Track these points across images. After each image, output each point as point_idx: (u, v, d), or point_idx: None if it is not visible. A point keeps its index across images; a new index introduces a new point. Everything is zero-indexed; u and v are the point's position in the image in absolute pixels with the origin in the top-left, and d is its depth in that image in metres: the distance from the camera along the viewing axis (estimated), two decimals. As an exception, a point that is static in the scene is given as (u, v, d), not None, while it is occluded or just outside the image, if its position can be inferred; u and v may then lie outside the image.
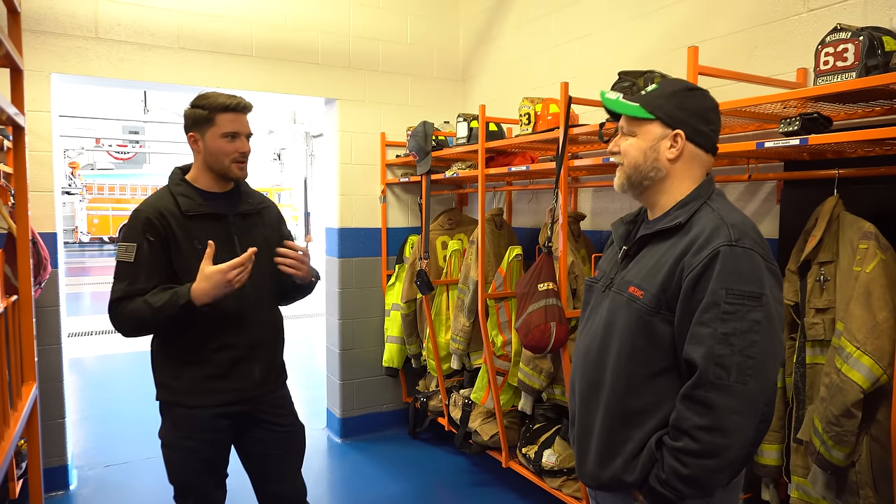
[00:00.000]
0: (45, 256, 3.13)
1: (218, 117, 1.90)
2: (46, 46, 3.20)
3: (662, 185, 1.39)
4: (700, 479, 1.22)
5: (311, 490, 3.54)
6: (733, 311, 1.20)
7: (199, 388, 1.92)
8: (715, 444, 1.20)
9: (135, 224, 1.87)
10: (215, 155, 1.92)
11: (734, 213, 1.33)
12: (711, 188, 1.39)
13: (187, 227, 1.90)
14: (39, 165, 3.22)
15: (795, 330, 2.07)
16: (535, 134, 2.89)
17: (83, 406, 4.90)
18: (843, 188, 2.03)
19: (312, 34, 3.88)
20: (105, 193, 19.11)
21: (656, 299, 1.30)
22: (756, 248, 1.25)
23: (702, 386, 1.21)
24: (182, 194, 1.93)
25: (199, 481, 1.99)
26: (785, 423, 2.13)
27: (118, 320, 1.87)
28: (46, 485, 3.21)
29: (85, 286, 11.95)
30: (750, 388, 1.19)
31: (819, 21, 2.27)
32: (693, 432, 1.21)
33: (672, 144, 1.36)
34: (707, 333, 1.21)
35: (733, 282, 1.21)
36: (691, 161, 1.38)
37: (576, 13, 3.42)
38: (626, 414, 1.33)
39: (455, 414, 3.71)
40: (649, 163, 1.38)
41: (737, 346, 1.20)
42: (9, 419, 1.76)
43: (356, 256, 4.16)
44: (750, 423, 1.20)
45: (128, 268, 1.85)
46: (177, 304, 1.79)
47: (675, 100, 1.37)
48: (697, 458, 1.21)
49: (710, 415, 1.20)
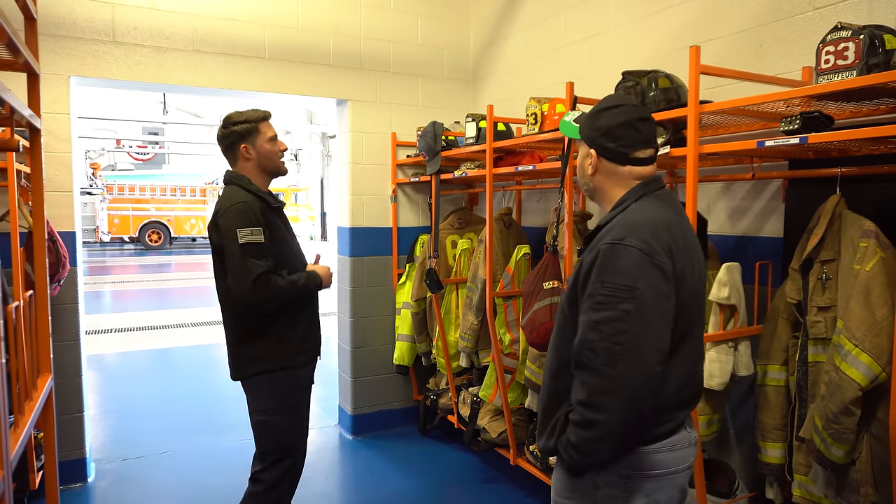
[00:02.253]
0: (64, 255, 3.22)
1: (261, 126, 2.33)
2: (66, 50, 3.29)
3: (599, 195, 1.59)
4: (582, 447, 1.37)
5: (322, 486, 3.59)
6: (605, 301, 1.34)
7: (297, 348, 2.32)
8: (588, 418, 1.34)
9: (250, 212, 2.18)
10: (268, 157, 2.34)
11: (643, 212, 1.45)
12: (643, 191, 1.50)
13: (272, 217, 2.30)
14: (59, 166, 3.31)
15: (799, 328, 2.07)
16: (542, 133, 2.90)
17: (102, 401, 5.01)
18: (846, 187, 2.03)
19: (324, 36, 3.94)
20: (125, 194, 19.40)
21: (571, 292, 1.48)
22: (640, 245, 1.36)
23: (577, 367, 1.38)
24: (259, 192, 2.30)
25: (298, 439, 2.38)
26: (788, 421, 2.13)
27: (265, 292, 2.14)
28: (65, 477, 3.31)
29: (105, 285, 12.16)
30: (618, 372, 1.31)
31: (824, 19, 2.27)
32: (575, 406, 1.38)
33: (590, 161, 1.54)
34: (583, 321, 1.38)
35: (608, 275, 1.36)
36: (609, 174, 1.53)
37: (584, 13, 3.43)
38: (553, 392, 1.52)
39: (464, 411, 3.74)
40: (581, 176, 1.60)
41: (605, 333, 1.33)
42: (24, 408, 1.83)
43: (367, 255, 4.21)
44: (619, 404, 1.32)
45: (263, 247, 2.16)
46: (314, 285, 2.32)
47: (591, 120, 1.54)
48: (578, 427, 1.37)
49: (584, 391, 1.35)
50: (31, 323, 2.14)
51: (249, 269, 2.11)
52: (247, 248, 2.13)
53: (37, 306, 2.20)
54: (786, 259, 2.32)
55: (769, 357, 2.18)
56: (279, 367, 2.28)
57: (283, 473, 2.34)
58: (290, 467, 2.36)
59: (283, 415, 2.32)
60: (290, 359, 2.31)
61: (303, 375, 2.38)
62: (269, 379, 2.28)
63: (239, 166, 2.35)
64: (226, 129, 2.31)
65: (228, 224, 2.15)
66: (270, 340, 2.27)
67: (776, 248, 2.45)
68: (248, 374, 2.29)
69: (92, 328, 7.76)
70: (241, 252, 2.12)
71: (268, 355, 2.27)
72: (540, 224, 3.84)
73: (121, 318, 8.66)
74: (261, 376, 2.28)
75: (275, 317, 2.27)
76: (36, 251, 2.18)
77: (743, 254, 2.58)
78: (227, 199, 2.23)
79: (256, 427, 2.34)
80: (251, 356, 2.27)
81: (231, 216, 2.16)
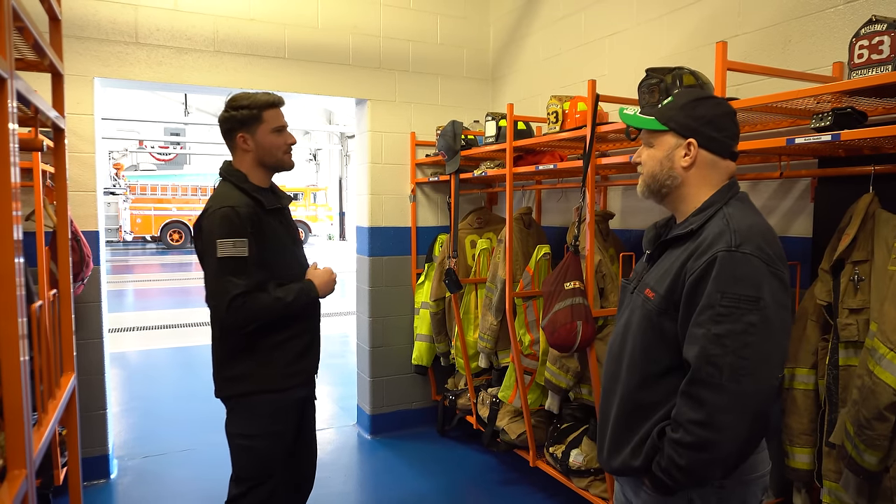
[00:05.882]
0: (87, 254, 3.26)
1: (265, 114, 2.03)
2: (90, 52, 3.33)
3: (680, 191, 1.47)
4: (693, 470, 1.30)
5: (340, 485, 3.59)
6: (728, 313, 1.25)
7: (289, 370, 2.07)
8: (706, 438, 1.26)
9: (236, 220, 1.94)
10: (268, 150, 2.06)
11: (746, 218, 1.37)
12: (730, 193, 1.43)
13: (268, 220, 2.05)
14: (82, 166, 3.35)
15: (828, 331, 2.02)
16: (563, 132, 2.87)
17: (124, 398, 5.07)
18: (879, 185, 1.97)
19: (343, 36, 3.94)
20: (147, 194, 19.68)
21: (665, 301, 1.38)
22: (758, 252, 1.29)
23: (694, 383, 1.28)
24: (255, 191, 2.05)
25: (279, 468, 2.10)
26: (817, 426, 2.07)
27: (242, 314, 1.91)
28: (88, 473, 3.35)
29: (128, 283, 12.33)
30: (743, 388, 1.25)
31: (856, 13, 2.21)
32: (687, 426, 1.28)
33: (686, 153, 1.42)
34: (701, 334, 1.28)
35: (729, 285, 1.26)
36: (706, 168, 1.43)
37: (605, 10, 3.39)
38: (637, 407, 1.42)
39: (483, 412, 3.72)
40: (665, 171, 1.46)
41: (730, 347, 1.25)
42: (47, 406, 1.84)
43: (386, 255, 4.20)
44: (741, 422, 1.25)
45: (244, 263, 1.92)
46: (307, 298, 2.04)
47: (687, 110, 1.43)
48: (690, 450, 1.28)
49: (702, 411, 1.26)
50: (55, 321, 2.16)
51: (226, 289, 1.88)
52: (224, 264, 1.89)
53: (61, 305, 2.22)
54: (815, 260, 2.26)
55: (797, 360, 2.12)
56: (266, 390, 2.03)
57: (261, 501, 2.08)
58: (268, 493, 2.09)
59: (266, 440, 2.06)
60: (279, 381, 2.04)
61: (294, 399, 2.10)
62: (253, 401, 2.04)
63: (236, 157, 2.10)
64: (226, 112, 2.05)
65: (209, 230, 1.93)
66: (259, 358, 2.02)
67: (804, 249, 2.39)
68: (231, 393, 2.05)
69: (115, 326, 7.87)
70: (217, 267, 1.89)
71: (255, 375, 2.02)
72: (560, 224, 3.80)
73: (143, 317, 8.77)
74: (245, 398, 2.04)
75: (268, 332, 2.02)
76: (60, 250, 2.20)
77: (770, 254, 2.52)
78: (215, 200, 2.00)
79: (235, 451, 2.10)
80: (236, 374, 2.03)
81: (214, 221, 1.93)
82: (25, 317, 1.30)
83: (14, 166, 1.22)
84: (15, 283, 1.23)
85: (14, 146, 1.23)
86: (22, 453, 1.29)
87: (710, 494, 1.37)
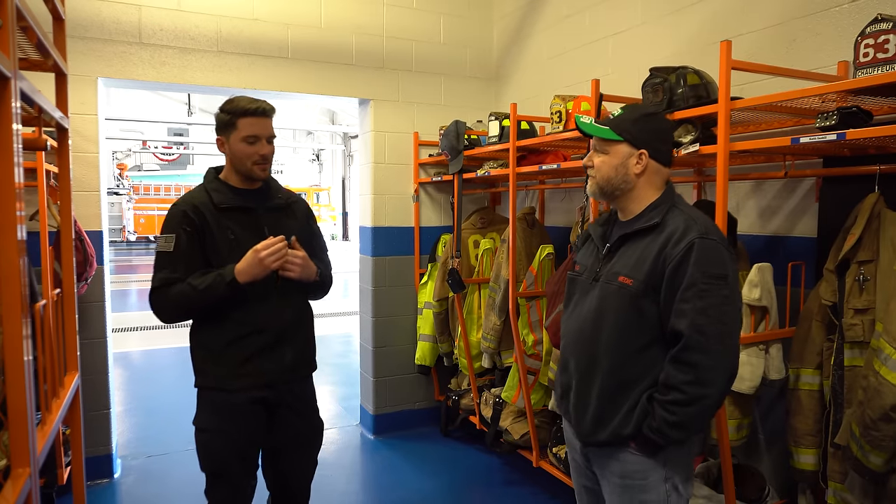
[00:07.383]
0: (91, 254, 3.26)
1: (239, 122, 1.98)
2: (93, 52, 3.34)
3: (631, 193, 1.68)
4: (685, 423, 1.53)
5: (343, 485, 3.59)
6: (707, 289, 1.50)
7: (236, 371, 2.01)
8: (697, 393, 1.50)
9: (172, 217, 1.99)
10: (239, 157, 2.01)
11: (696, 213, 1.63)
12: (674, 194, 1.69)
13: (220, 219, 2.00)
14: (86, 166, 3.36)
15: (833, 331, 2.01)
16: (566, 132, 2.86)
17: (128, 398, 5.08)
18: (885, 185, 1.96)
19: (347, 35, 3.94)
20: (151, 194, 19.73)
21: (644, 284, 1.58)
22: (719, 239, 1.56)
23: (687, 349, 1.51)
24: (215, 189, 2.04)
25: (232, 469, 2.05)
26: (822, 427, 2.06)
27: (160, 305, 1.97)
28: (92, 473, 3.36)
29: (132, 283, 12.35)
30: (724, 349, 1.51)
31: (861, 12, 2.19)
32: (681, 387, 1.51)
33: (638, 161, 1.65)
34: (689, 308, 1.51)
35: (707, 266, 1.51)
36: (653, 174, 1.67)
37: (609, 10, 3.38)
38: (621, 383, 1.62)
39: (486, 412, 3.71)
40: (619, 177, 1.67)
41: (713, 317, 1.50)
42: (51, 405, 1.84)
43: (389, 255, 4.20)
44: (723, 377, 1.53)
45: (168, 257, 1.96)
46: (223, 282, 1.92)
47: (640, 123, 1.66)
48: (683, 406, 1.51)
49: (694, 371, 1.50)
50: (59, 321, 2.16)
51: (151, 281, 1.98)
52: (156, 258, 1.98)
53: (64, 304, 2.22)
54: (819, 260, 2.25)
55: (802, 360, 2.12)
56: (216, 386, 2.03)
57: (221, 500, 2.07)
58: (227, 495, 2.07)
59: (215, 437, 2.04)
60: (229, 379, 2.01)
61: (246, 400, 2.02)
62: (206, 396, 2.07)
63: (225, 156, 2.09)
64: (217, 112, 2.04)
65: None
66: (215, 353, 2.02)
67: (809, 249, 2.38)
68: (196, 385, 2.08)
69: (118, 326, 7.89)
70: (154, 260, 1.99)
71: (209, 370, 2.03)
72: (563, 224, 3.79)
73: (146, 317, 8.78)
74: (202, 392, 2.07)
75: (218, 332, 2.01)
76: (63, 250, 2.20)
77: (774, 254, 2.51)
78: None
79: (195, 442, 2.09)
80: (197, 367, 2.07)
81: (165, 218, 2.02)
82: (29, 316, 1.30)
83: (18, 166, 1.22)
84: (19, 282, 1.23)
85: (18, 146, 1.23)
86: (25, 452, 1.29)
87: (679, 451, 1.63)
